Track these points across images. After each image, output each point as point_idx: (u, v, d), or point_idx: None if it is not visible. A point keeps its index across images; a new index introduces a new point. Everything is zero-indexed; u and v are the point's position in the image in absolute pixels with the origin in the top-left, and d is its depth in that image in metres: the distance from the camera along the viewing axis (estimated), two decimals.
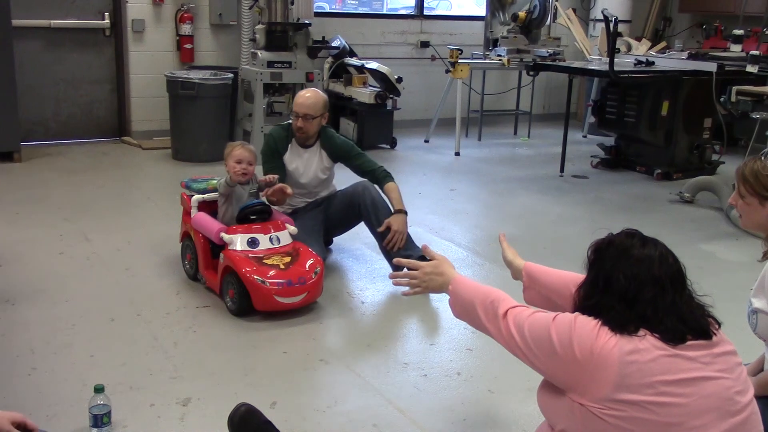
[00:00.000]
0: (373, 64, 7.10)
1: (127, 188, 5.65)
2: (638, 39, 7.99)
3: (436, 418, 2.66)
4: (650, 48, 7.76)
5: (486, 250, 4.50)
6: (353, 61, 7.33)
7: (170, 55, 7.05)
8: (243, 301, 3.35)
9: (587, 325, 1.64)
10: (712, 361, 1.61)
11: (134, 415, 2.56)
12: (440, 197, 5.60)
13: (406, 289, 2.20)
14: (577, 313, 1.70)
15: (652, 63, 6.67)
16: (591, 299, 1.69)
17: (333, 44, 7.33)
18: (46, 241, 4.28)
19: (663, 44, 8.24)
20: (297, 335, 3.26)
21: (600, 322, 1.64)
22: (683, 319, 1.63)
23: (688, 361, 1.59)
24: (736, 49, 7.13)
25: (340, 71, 7.42)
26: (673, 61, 6.90)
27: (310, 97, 3.98)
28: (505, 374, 2.92)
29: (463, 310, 1.97)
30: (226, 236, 3.45)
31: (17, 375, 2.81)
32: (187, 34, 7.00)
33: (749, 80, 5.83)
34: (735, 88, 5.63)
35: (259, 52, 6.46)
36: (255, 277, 3.29)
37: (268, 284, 3.29)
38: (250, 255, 3.40)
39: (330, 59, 7.43)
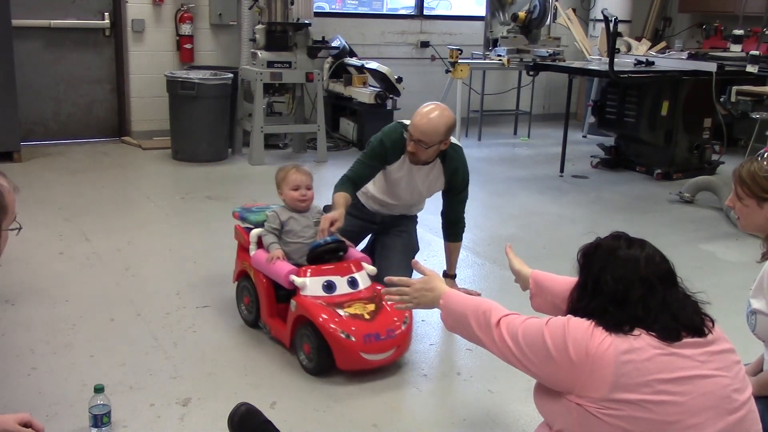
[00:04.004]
0: (373, 64, 7.10)
1: (127, 188, 5.65)
2: (638, 39, 7.99)
3: (436, 418, 2.66)
4: (650, 48, 7.76)
5: (486, 250, 4.50)
6: (353, 61, 7.33)
7: (170, 55, 7.05)
8: (323, 358, 2.85)
9: (581, 326, 1.65)
10: (709, 360, 1.62)
11: (134, 415, 2.56)
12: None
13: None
14: (569, 315, 1.71)
15: (652, 63, 6.68)
16: (582, 302, 1.71)
17: (333, 44, 7.33)
18: (46, 241, 4.28)
19: (663, 44, 8.24)
20: None
21: (593, 323, 1.65)
22: (676, 317, 1.64)
23: (684, 359, 1.60)
24: (736, 49, 7.14)
25: (340, 71, 7.42)
26: (673, 61, 6.90)
27: (431, 119, 3.21)
28: (505, 374, 2.91)
29: (456, 323, 1.97)
30: (297, 279, 2.94)
31: (17, 375, 2.81)
32: (187, 34, 7.00)
33: (749, 80, 5.83)
34: (735, 88, 5.63)
35: (259, 52, 6.46)
36: (338, 330, 2.79)
37: (353, 339, 2.78)
38: (327, 302, 2.90)
39: (330, 59, 7.43)
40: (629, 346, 1.59)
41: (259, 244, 3.22)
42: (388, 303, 2.78)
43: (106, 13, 6.90)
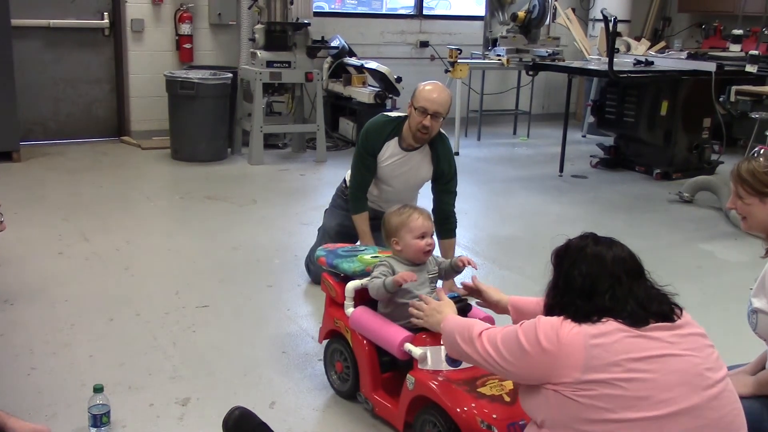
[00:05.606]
0: (372, 64, 7.10)
1: (127, 188, 5.64)
2: (637, 39, 7.99)
3: None
4: (649, 48, 7.76)
5: (486, 250, 4.50)
6: (352, 60, 7.33)
7: (169, 55, 7.04)
8: None
9: (550, 320, 1.75)
10: (678, 341, 1.69)
11: (133, 415, 2.56)
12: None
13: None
14: (540, 316, 1.80)
15: (652, 63, 6.68)
16: (555, 299, 1.80)
17: (332, 44, 7.33)
18: (45, 241, 4.28)
19: (662, 44, 8.24)
20: (296, 335, 3.25)
21: (563, 317, 1.73)
22: (643, 306, 1.71)
23: (652, 341, 1.67)
24: (735, 49, 7.14)
25: (340, 71, 7.41)
26: (672, 61, 6.90)
27: (442, 93, 3.38)
28: None
29: (450, 344, 2.07)
30: (415, 350, 2.37)
31: (16, 375, 2.81)
32: (186, 33, 7.00)
33: (748, 80, 5.84)
34: (734, 88, 5.63)
35: (258, 52, 6.46)
36: (477, 419, 2.15)
37: (495, 430, 2.12)
38: (455, 380, 2.29)
39: (329, 59, 7.43)
40: (598, 331, 1.67)
41: (356, 298, 2.66)
42: None
43: (106, 13, 6.90)
